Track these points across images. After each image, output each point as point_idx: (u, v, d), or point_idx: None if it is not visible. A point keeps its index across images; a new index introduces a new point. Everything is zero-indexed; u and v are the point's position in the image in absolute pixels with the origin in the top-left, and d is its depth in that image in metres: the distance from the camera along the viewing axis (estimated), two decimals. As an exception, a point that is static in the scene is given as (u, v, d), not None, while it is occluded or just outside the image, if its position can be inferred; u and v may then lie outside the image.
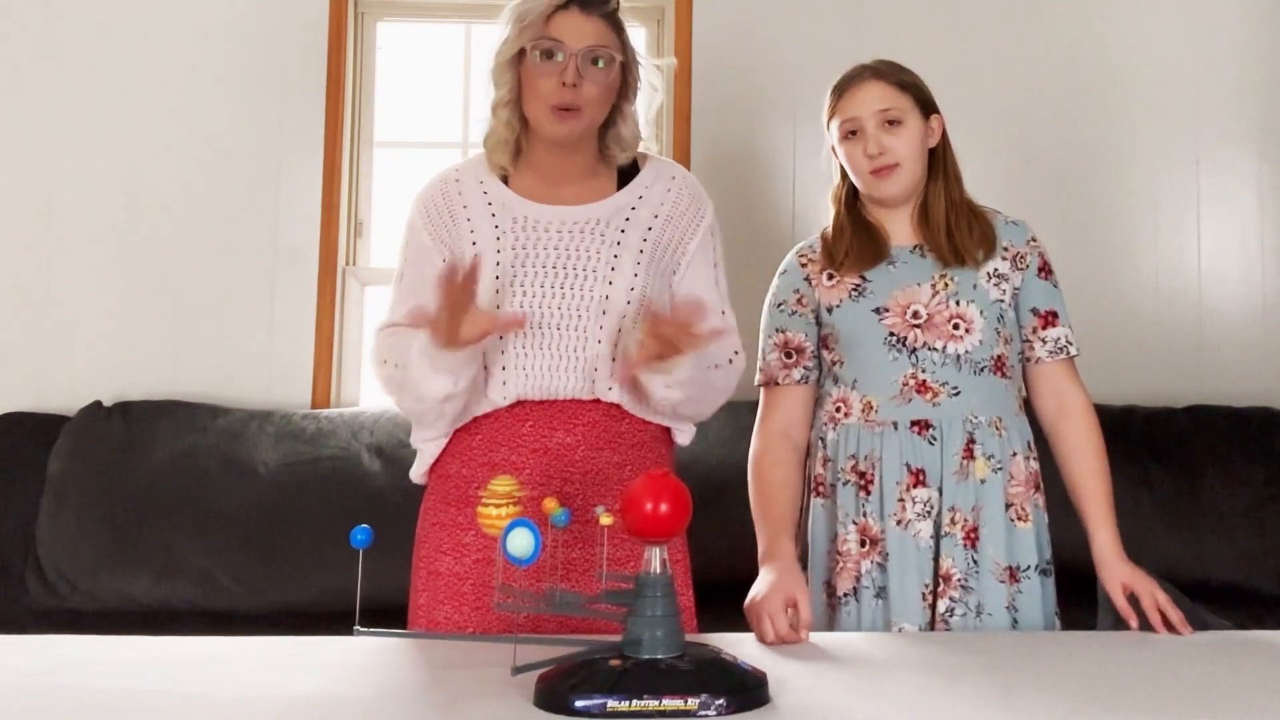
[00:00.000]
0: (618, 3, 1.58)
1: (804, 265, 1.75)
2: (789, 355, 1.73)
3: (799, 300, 1.74)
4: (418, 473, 1.67)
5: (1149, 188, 3.18)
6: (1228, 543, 2.75)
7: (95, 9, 3.06)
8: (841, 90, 1.71)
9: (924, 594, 1.62)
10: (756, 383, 1.76)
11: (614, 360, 1.54)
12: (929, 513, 1.63)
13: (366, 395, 3.11)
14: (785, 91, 3.13)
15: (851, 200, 1.76)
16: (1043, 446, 1.72)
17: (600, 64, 1.53)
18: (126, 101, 3.05)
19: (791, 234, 3.06)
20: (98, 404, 2.86)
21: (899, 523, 1.63)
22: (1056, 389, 1.71)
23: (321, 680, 1.20)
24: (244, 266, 3.03)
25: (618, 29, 1.57)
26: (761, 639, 1.44)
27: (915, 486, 1.63)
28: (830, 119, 1.74)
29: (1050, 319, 1.71)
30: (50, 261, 3.01)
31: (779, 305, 1.76)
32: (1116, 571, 1.57)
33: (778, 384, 1.74)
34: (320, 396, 3.01)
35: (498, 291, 1.55)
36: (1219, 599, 1.60)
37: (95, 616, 2.55)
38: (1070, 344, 1.72)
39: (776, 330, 1.74)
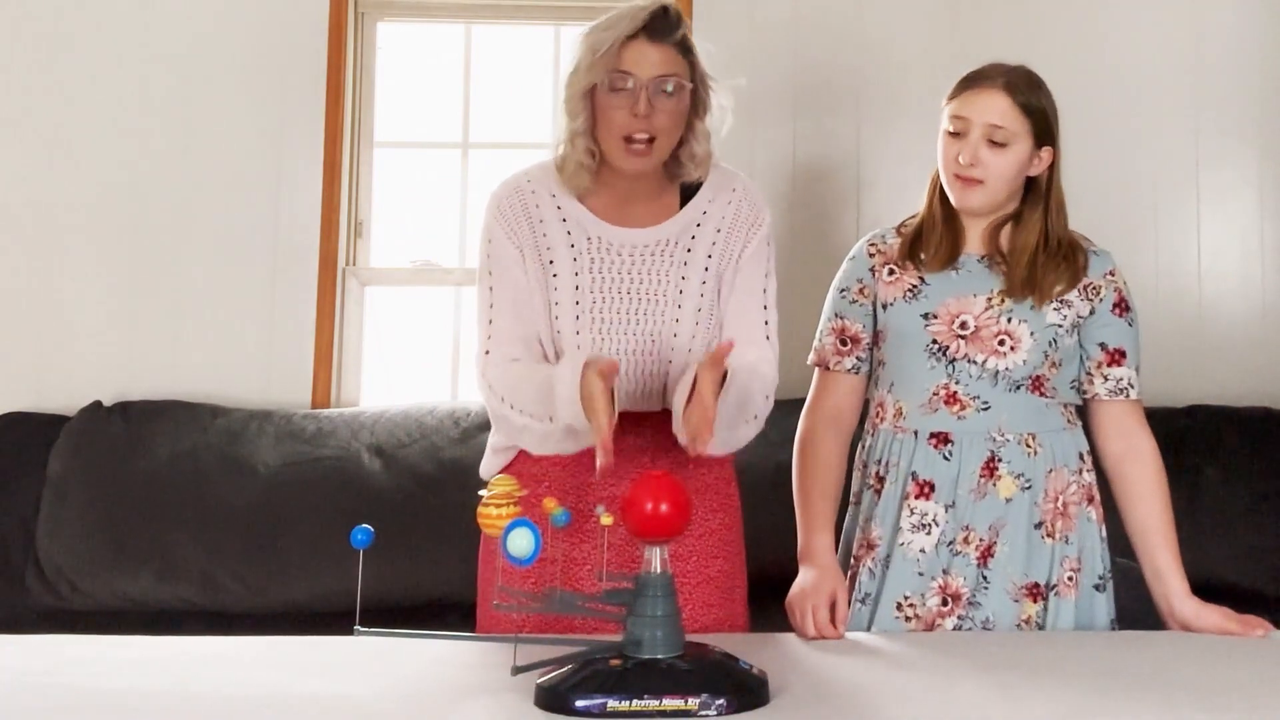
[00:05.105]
0: (686, 29, 1.58)
1: (871, 255, 1.73)
2: (844, 343, 1.72)
3: (861, 290, 1.72)
4: (489, 471, 1.66)
5: (1149, 188, 3.17)
6: (1228, 543, 2.74)
7: (96, 9, 3.05)
8: (966, 84, 1.65)
9: (899, 604, 1.60)
10: (810, 362, 1.75)
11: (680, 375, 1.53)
12: (924, 526, 1.61)
13: (366, 395, 3.11)
14: (786, 91, 3.12)
15: (945, 193, 1.70)
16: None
17: (670, 92, 1.54)
18: (127, 101, 3.04)
19: (791, 233, 3.05)
20: (98, 404, 2.85)
21: (896, 530, 1.62)
22: (1123, 431, 1.65)
23: (321, 680, 1.20)
24: (244, 267, 3.03)
25: (686, 52, 1.58)
26: (801, 633, 1.46)
27: (919, 498, 1.61)
28: (946, 105, 1.68)
29: (1117, 357, 1.66)
30: (50, 261, 3.00)
31: (842, 291, 1.74)
32: (1208, 621, 1.55)
33: (829, 368, 1.72)
34: (320, 396, 3.01)
35: (578, 318, 1.57)
36: (1218, 599, 1.59)
37: (95, 616, 2.54)
38: (1132, 386, 1.65)
39: (836, 316, 1.73)
